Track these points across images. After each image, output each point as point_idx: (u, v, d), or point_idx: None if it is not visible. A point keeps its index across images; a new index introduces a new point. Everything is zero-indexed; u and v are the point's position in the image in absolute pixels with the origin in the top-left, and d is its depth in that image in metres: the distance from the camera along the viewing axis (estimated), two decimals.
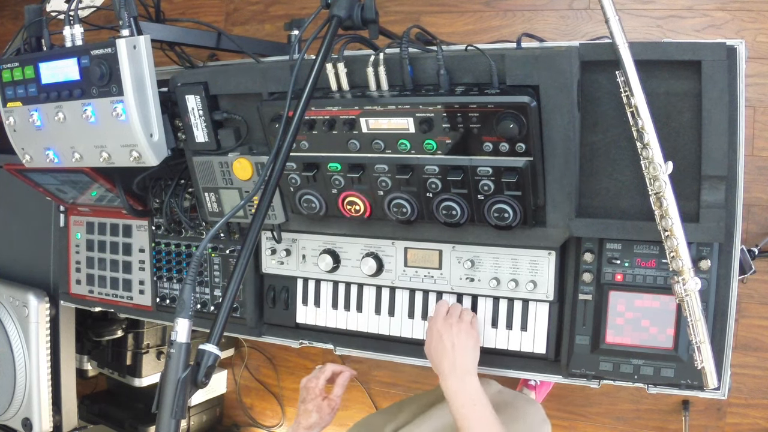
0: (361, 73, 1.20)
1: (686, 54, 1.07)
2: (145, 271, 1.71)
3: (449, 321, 1.27)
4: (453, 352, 1.23)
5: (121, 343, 2.36)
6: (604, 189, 1.22)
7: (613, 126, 1.17)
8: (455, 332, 1.25)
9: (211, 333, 0.88)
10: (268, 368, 2.72)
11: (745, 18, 1.95)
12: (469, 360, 1.24)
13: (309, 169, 1.29)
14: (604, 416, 2.22)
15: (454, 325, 1.26)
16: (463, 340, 1.24)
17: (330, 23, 1.09)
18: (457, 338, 1.24)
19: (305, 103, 1.03)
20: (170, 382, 0.84)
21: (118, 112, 1.25)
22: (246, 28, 2.60)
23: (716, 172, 1.11)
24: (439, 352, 1.25)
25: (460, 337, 1.24)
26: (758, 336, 2.00)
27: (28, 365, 1.84)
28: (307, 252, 1.49)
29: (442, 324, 1.27)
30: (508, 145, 1.13)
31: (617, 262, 1.22)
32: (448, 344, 1.24)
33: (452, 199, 1.22)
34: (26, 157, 1.44)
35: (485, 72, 1.14)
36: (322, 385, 1.42)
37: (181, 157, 1.48)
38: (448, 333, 1.25)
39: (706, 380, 1.11)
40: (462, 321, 1.27)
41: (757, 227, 1.97)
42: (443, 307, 1.31)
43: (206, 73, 1.37)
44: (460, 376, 1.21)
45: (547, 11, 2.16)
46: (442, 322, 1.27)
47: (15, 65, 1.35)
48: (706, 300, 1.16)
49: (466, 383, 1.21)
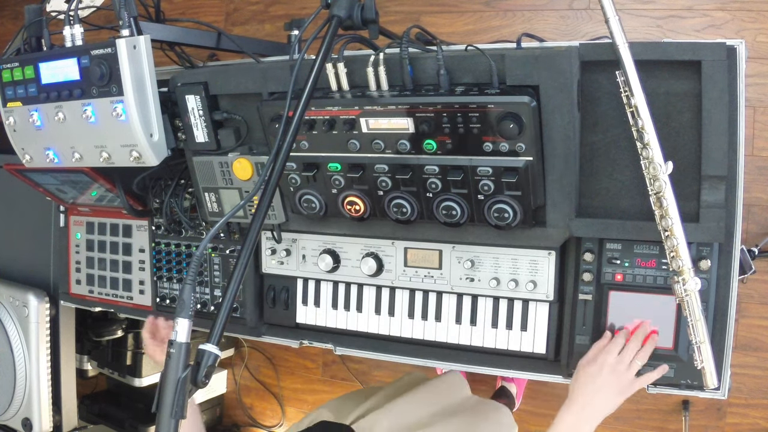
0: (361, 73, 1.20)
1: (686, 54, 1.07)
2: (145, 271, 1.71)
3: (621, 365, 1.16)
4: (597, 393, 1.14)
5: (121, 343, 2.36)
6: (604, 189, 1.22)
7: (613, 126, 1.17)
8: (615, 379, 1.14)
9: (211, 333, 0.87)
10: (268, 368, 2.72)
11: (745, 18, 1.95)
12: (602, 412, 1.14)
13: (309, 169, 1.29)
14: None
15: (623, 373, 1.15)
16: (614, 390, 1.14)
17: (330, 23, 1.09)
18: (611, 386, 1.14)
19: (305, 103, 1.03)
20: (170, 382, 0.83)
21: (118, 112, 1.25)
22: (246, 28, 2.60)
23: (716, 172, 1.11)
24: (587, 383, 1.15)
25: (615, 387, 1.14)
26: (758, 336, 2.00)
27: (28, 365, 1.84)
28: (307, 252, 1.49)
29: (614, 362, 1.16)
30: (508, 145, 1.13)
31: (617, 262, 1.22)
32: (600, 383, 1.14)
33: (452, 199, 1.22)
34: (26, 157, 1.44)
35: (485, 72, 1.14)
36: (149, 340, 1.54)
37: (181, 157, 1.48)
38: (610, 374, 1.15)
39: (706, 380, 1.12)
40: (630, 371, 1.16)
41: (757, 227, 1.97)
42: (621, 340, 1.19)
43: (206, 73, 1.37)
44: (582, 418, 1.14)
45: (547, 11, 2.16)
46: (615, 360, 1.16)
47: (15, 65, 1.35)
48: (706, 300, 1.16)
49: (580, 429, 1.14)
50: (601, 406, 1.14)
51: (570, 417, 1.14)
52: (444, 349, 1.41)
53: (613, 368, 1.15)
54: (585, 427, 1.13)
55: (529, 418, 2.32)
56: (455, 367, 1.39)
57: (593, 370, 1.16)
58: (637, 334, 1.19)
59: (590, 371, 1.16)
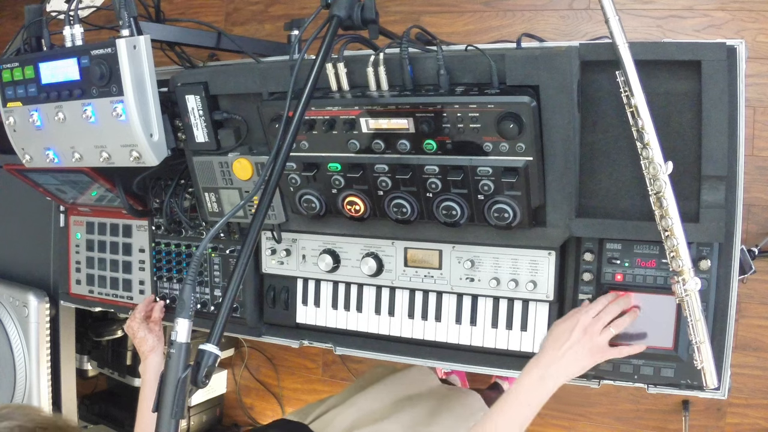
0: (361, 73, 1.20)
1: (686, 54, 1.07)
2: (145, 271, 1.71)
3: (595, 326, 1.14)
4: (566, 351, 1.12)
5: (121, 343, 2.36)
6: (604, 189, 1.22)
7: (613, 126, 1.17)
8: (587, 340, 1.13)
9: (211, 333, 0.87)
10: (268, 368, 2.72)
11: (745, 18, 1.95)
12: (569, 371, 1.12)
13: (309, 169, 1.29)
14: (604, 416, 2.22)
15: (595, 334, 1.13)
16: (584, 351, 1.13)
17: (330, 23, 1.09)
18: (582, 346, 1.12)
19: (305, 103, 1.03)
20: (170, 382, 0.84)
21: (118, 112, 1.25)
22: (246, 28, 2.60)
23: (716, 172, 1.11)
24: (558, 338, 1.14)
25: (585, 348, 1.13)
26: (758, 336, 2.00)
27: (28, 365, 1.84)
28: (307, 252, 1.49)
29: (588, 322, 1.14)
30: (508, 145, 1.13)
31: (617, 262, 1.22)
32: (571, 340, 1.12)
33: (452, 199, 1.22)
34: (26, 157, 1.44)
35: (485, 72, 1.14)
36: (140, 318, 1.54)
37: (181, 157, 1.48)
38: (582, 333, 1.13)
39: (706, 380, 1.12)
40: (602, 335, 1.14)
41: (757, 227, 1.97)
42: (600, 305, 1.18)
43: (206, 73, 1.37)
44: (547, 374, 1.11)
45: (547, 11, 2.16)
46: (589, 320, 1.15)
47: (15, 65, 1.35)
48: (706, 300, 1.16)
49: (544, 384, 1.11)
50: (568, 364, 1.12)
51: (536, 371, 1.12)
52: (444, 349, 1.41)
53: (586, 328, 1.13)
54: (549, 383, 1.11)
55: None
56: (455, 367, 1.40)
57: (566, 326, 1.15)
58: (618, 302, 1.18)
59: (563, 327, 1.15)
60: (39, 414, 0.98)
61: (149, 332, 1.52)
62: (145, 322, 1.55)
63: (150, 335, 1.52)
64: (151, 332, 1.53)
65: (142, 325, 1.53)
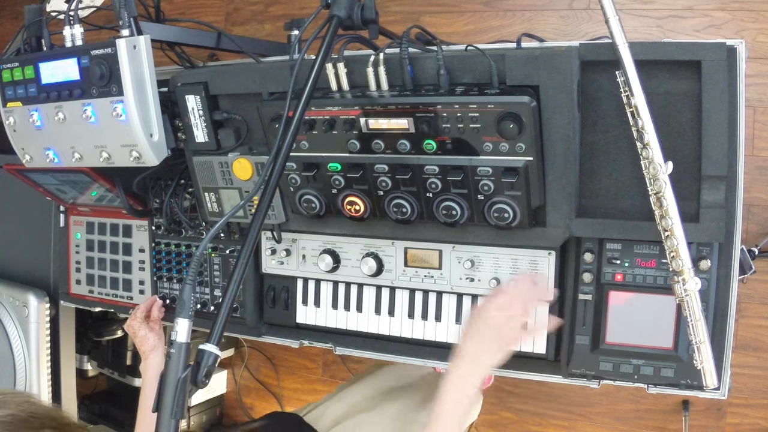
0: (361, 73, 1.20)
1: (686, 54, 1.07)
2: (145, 271, 1.71)
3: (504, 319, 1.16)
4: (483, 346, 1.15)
5: (121, 343, 2.36)
6: (604, 189, 1.22)
7: (613, 126, 1.17)
8: (498, 333, 1.15)
9: (211, 333, 0.87)
10: (268, 368, 2.72)
11: (745, 18, 1.95)
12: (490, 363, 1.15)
13: (309, 169, 1.29)
14: (604, 416, 2.22)
15: (505, 325, 1.15)
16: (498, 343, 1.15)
17: (330, 23, 1.09)
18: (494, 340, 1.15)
19: (305, 103, 1.03)
20: (170, 382, 0.84)
21: (118, 112, 1.25)
22: (246, 28, 2.60)
23: (716, 172, 1.11)
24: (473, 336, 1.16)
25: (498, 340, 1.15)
26: (758, 336, 2.00)
27: (28, 365, 1.84)
28: (307, 252, 1.49)
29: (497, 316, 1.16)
30: (508, 145, 1.13)
31: (617, 262, 1.22)
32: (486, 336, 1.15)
33: (452, 199, 1.22)
34: (26, 157, 1.44)
35: (485, 72, 1.14)
36: (141, 317, 1.54)
37: (181, 157, 1.48)
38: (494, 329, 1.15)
39: (706, 380, 1.11)
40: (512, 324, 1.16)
41: (757, 227, 1.97)
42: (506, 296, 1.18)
43: (206, 73, 1.37)
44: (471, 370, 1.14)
45: (547, 11, 2.16)
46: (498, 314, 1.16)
47: (15, 65, 1.35)
48: (706, 300, 1.16)
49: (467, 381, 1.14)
50: (487, 357, 1.14)
51: (462, 367, 1.14)
52: (444, 349, 1.41)
53: (497, 322, 1.15)
54: (472, 379, 1.13)
55: (529, 418, 2.32)
56: None
57: (478, 324, 1.17)
58: (521, 289, 1.19)
59: (476, 326, 1.17)
60: (34, 404, 0.96)
61: (150, 331, 1.52)
62: (146, 321, 1.55)
63: (151, 334, 1.52)
64: (151, 331, 1.53)
65: (142, 324, 1.53)
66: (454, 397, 1.12)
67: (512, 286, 1.21)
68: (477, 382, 1.14)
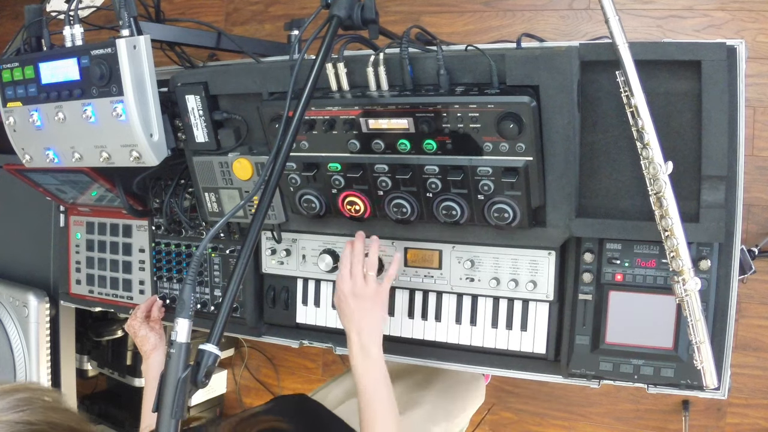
0: (361, 73, 1.20)
1: (686, 54, 1.07)
2: (145, 271, 1.71)
3: (357, 285, 1.22)
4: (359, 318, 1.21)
5: (121, 343, 2.36)
6: (604, 189, 1.22)
7: (613, 126, 1.17)
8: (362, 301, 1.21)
9: (211, 333, 0.87)
10: (268, 368, 2.72)
11: (745, 18, 1.95)
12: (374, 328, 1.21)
13: (309, 169, 1.29)
14: (604, 416, 2.22)
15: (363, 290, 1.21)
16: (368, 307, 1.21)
17: (330, 23, 1.09)
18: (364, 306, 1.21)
19: (305, 103, 1.03)
20: (170, 382, 0.83)
21: (118, 112, 1.25)
22: (246, 28, 2.60)
23: (716, 172, 1.11)
24: (344, 314, 1.23)
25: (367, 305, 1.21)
26: (758, 336, 2.00)
27: (28, 365, 1.84)
28: (307, 252, 1.49)
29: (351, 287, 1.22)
30: (508, 145, 1.13)
31: (617, 262, 1.22)
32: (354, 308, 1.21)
33: (452, 199, 1.22)
34: (26, 157, 1.44)
35: (485, 72, 1.14)
36: (141, 317, 1.54)
37: (181, 157, 1.48)
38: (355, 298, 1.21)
39: (706, 380, 1.11)
40: (368, 285, 1.22)
41: (757, 227, 1.97)
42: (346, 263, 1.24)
43: (206, 73, 1.37)
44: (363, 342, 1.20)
45: (547, 11, 2.16)
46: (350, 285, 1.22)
47: (15, 65, 1.35)
48: (706, 300, 1.16)
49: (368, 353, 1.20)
50: (368, 325, 1.21)
51: (355, 345, 1.20)
52: (444, 349, 1.41)
53: (353, 292, 1.21)
54: (372, 348, 1.20)
55: (529, 418, 2.32)
56: (455, 367, 1.40)
57: (340, 303, 1.24)
58: (356, 250, 1.24)
59: (340, 306, 1.24)
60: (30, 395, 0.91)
61: (150, 331, 1.52)
62: (146, 321, 1.55)
63: (152, 334, 1.52)
64: (152, 331, 1.53)
65: (143, 324, 1.53)
66: (359, 371, 1.19)
67: (342, 259, 1.26)
68: (378, 351, 1.21)
